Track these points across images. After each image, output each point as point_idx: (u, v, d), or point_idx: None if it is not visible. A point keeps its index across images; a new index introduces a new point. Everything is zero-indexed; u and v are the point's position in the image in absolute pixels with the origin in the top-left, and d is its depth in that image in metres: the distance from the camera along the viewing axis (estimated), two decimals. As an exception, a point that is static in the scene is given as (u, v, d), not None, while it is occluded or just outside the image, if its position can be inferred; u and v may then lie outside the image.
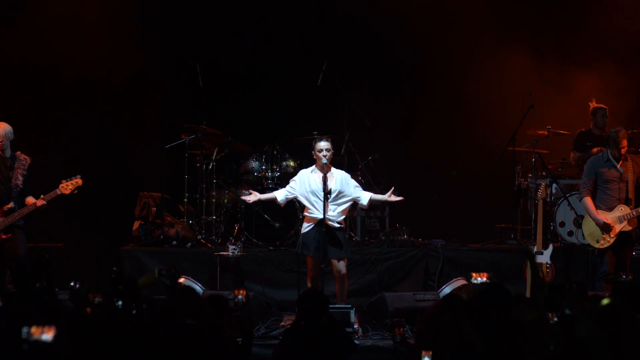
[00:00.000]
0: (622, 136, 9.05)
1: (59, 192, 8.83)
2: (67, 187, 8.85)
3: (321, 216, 8.70)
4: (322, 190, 8.66)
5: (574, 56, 12.35)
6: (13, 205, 8.76)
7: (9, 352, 4.28)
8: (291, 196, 8.92)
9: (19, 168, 8.81)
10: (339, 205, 8.85)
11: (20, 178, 8.80)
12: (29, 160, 8.88)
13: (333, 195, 8.81)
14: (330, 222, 8.76)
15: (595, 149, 10.83)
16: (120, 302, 4.93)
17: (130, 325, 4.79)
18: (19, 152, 8.90)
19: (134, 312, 5.07)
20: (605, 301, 4.91)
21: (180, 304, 5.49)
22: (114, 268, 6.07)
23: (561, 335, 4.68)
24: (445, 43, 12.53)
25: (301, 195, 8.85)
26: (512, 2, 12.52)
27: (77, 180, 8.89)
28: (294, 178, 8.97)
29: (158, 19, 12.46)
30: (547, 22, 12.53)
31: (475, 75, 12.42)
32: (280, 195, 8.93)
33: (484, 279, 5.80)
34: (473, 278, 5.86)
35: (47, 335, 3.97)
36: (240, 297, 5.85)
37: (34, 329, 3.96)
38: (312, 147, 9.00)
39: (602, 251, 9.11)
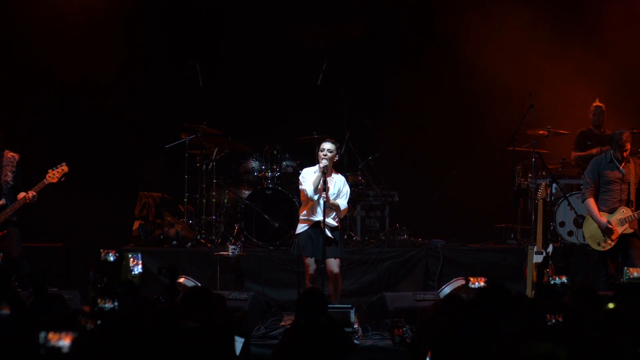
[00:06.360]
0: (625, 138, 9.02)
1: (46, 182, 8.85)
2: (53, 176, 8.86)
3: (317, 218, 8.73)
4: (323, 192, 8.68)
5: (577, 55, 12.34)
6: (5, 202, 8.81)
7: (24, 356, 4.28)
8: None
9: (7, 165, 8.86)
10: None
11: (10, 175, 8.84)
12: (16, 157, 8.93)
13: (331, 199, 8.84)
14: (326, 224, 8.76)
15: (595, 150, 10.84)
16: (116, 304, 4.91)
17: (130, 326, 4.78)
18: (6, 150, 8.94)
19: (134, 313, 5.06)
20: (610, 305, 4.90)
21: (187, 306, 5.47)
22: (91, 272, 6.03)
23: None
24: (445, 43, 12.53)
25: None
26: (511, 5, 12.51)
27: (63, 168, 8.90)
28: (303, 176, 8.96)
29: (158, 17, 12.47)
30: (549, 23, 12.52)
31: (475, 74, 12.41)
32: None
33: (482, 284, 5.81)
34: (471, 283, 5.88)
35: (65, 342, 3.95)
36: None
37: (51, 335, 3.94)
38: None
39: (603, 254, 9.09)
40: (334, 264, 8.91)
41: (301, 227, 8.95)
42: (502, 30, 12.29)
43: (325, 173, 8.75)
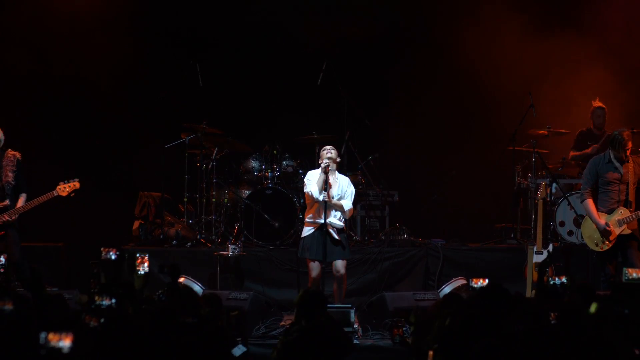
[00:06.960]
0: (627, 138, 8.97)
1: (55, 194, 8.84)
2: (64, 189, 8.86)
3: (323, 221, 8.73)
4: (324, 191, 8.68)
5: (577, 54, 12.34)
6: (8, 203, 8.79)
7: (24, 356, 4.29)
8: None
9: (7, 165, 8.82)
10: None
11: (10, 175, 8.80)
12: (17, 156, 8.88)
13: (335, 200, 8.84)
14: (331, 226, 8.76)
15: (589, 149, 10.86)
16: (114, 301, 4.91)
17: (129, 325, 4.79)
18: (8, 150, 8.90)
19: (132, 311, 5.06)
20: (592, 308, 4.91)
21: (179, 303, 5.48)
22: (95, 271, 6.03)
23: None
24: (445, 43, 12.53)
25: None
26: (512, 5, 12.51)
27: (75, 184, 8.91)
28: (308, 178, 8.97)
29: (158, 18, 12.47)
30: (548, 23, 12.52)
31: (475, 74, 12.41)
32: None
33: (484, 284, 5.82)
34: (473, 283, 5.88)
35: (65, 343, 3.95)
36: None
37: (51, 336, 3.95)
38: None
39: (602, 255, 9.06)
40: (340, 266, 8.92)
41: (307, 230, 8.95)
42: (501, 31, 12.28)
43: (327, 173, 8.76)
